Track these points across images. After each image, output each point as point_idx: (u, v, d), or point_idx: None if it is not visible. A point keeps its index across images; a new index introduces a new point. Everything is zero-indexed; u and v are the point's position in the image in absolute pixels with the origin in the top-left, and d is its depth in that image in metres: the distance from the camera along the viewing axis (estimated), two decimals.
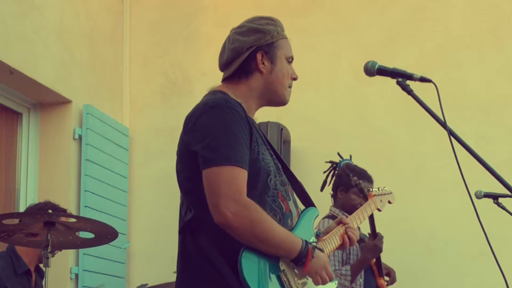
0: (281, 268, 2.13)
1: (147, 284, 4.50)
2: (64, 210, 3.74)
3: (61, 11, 4.94)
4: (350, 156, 4.51)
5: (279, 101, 2.37)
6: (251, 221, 2.04)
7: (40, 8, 4.72)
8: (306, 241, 2.16)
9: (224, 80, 2.36)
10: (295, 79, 2.39)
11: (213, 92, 2.29)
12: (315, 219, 2.38)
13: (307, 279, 2.20)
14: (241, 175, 2.07)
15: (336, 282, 2.35)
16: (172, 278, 4.81)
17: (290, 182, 2.36)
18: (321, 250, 2.24)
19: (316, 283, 2.20)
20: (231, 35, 2.36)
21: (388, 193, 3.17)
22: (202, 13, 5.75)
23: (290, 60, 2.36)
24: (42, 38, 4.71)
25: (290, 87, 2.37)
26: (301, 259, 2.13)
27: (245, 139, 2.13)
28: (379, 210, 3.04)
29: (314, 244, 2.22)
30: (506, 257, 2.87)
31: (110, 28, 5.61)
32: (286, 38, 2.38)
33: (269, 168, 2.22)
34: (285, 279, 2.13)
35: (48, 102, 4.96)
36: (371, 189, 3.11)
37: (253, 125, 2.21)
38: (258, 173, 2.17)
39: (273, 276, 2.11)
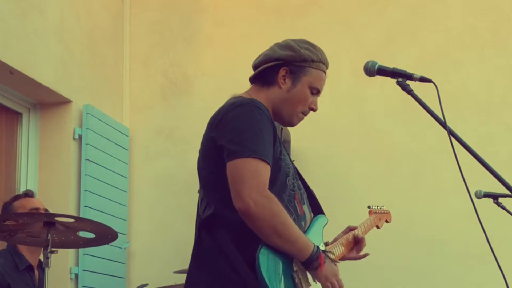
0: (294, 268, 2.19)
1: (147, 284, 4.49)
2: (46, 210, 3.80)
3: (61, 11, 4.94)
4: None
5: (285, 120, 2.44)
6: (272, 213, 2.09)
7: (40, 8, 4.71)
8: (317, 247, 2.21)
9: (251, 81, 2.46)
10: (313, 109, 2.46)
11: (236, 96, 2.35)
12: (324, 226, 2.45)
13: (317, 283, 2.25)
14: (264, 169, 2.13)
15: None
16: (172, 278, 4.83)
17: (304, 188, 2.44)
18: (333, 260, 2.30)
19: None
20: (273, 45, 2.47)
21: (386, 212, 3.21)
22: (202, 13, 5.75)
23: (314, 91, 2.43)
24: (42, 38, 4.71)
25: (304, 114, 2.45)
26: (311, 262, 2.18)
27: (269, 136, 2.20)
28: (377, 227, 3.09)
29: (327, 251, 2.29)
30: (506, 257, 2.87)
31: (110, 28, 5.61)
32: (323, 72, 2.46)
33: (289, 170, 2.31)
34: (298, 280, 2.18)
35: (48, 102, 4.96)
36: (371, 206, 3.14)
37: (276, 128, 2.28)
38: (279, 171, 2.24)
39: (287, 275, 2.17)
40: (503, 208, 3.67)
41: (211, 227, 2.21)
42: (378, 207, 3.16)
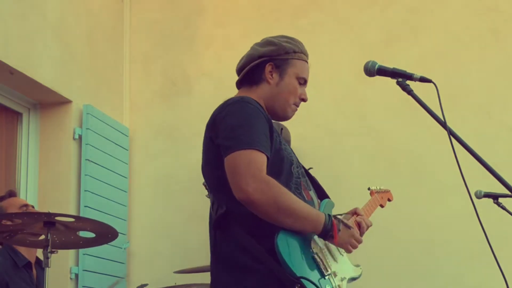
0: (314, 250, 2.23)
1: (147, 284, 4.50)
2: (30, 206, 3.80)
3: (61, 11, 4.94)
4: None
5: (280, 114, 2.48)
6: (273, 194, 2.11)
7: (40, 8, 4.72)
8: (329, 214, 2.25)
9: (238, 86, 2.51)
10: (303, 100, 2.49)
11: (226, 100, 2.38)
12: (332, 209, 2.49)
13: (337, 259, 2.35)
14: (259, 157, 2.15)
15: (361, 268, 2.51)
16: (172, 278, 4.83)
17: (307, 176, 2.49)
18: (346, 224, 2.31)
19: (348, 252, 2.33)
20: (252, 45, 2.53)
21: (386, 191, 3.23)
22: (202, 13, 5.75)
23: (302, 81, 2.47)
24: (42, 38, 4.71)
25: (296, 105, 2.49)
26: (327, 232, 2.21)
27: (264, 128, 2.22)
28: (381, 206, 3.12)
29: (339, 217, 2.32)
30: (506, 257, 2.87)
31: (110, 28, 5.61)
32: (305, 61, 2.48)
33: (292, 158, 2.36)
34: (319, 260, 2.22)
35: (48, 102, 4.96)
36: (371, 187, 3.15)
37: (271, 121, 2.32)
38: (282, 160, 2.28)
39: (308, 256, 2.20)
40: (503, 208, 3.67)
41: (225, 225, 2.23)
42: (378, 188, 3.18)
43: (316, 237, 2.27)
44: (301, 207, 2.18)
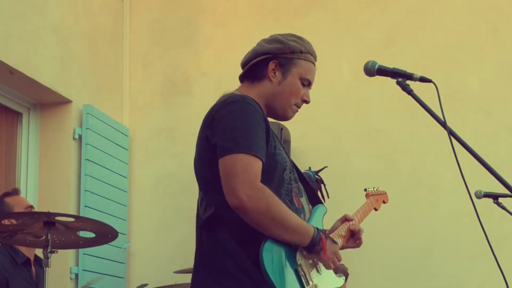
0: (298, 262, 2.21)
1: (147, 284, 4.50)
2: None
3: (61, 11, 4.94)
4: (310, 168, 4.54)
5: (280, 114, 2.44)
6: (266, 204, 2.09)
7: (40, 8, 4.72)
8: (317, 228, 2.23)
9: (241, 80, 2.46)
10: (306, 101, 2.45)
11: (226, 94, 2.35)
12: (324, 215, 2.46)
13: (320, 271, 2.30)
14: (256, 164, 2.12)
15: (343, 278, 2.46)
16: (172, 278, 4.83)
17: (300, 181, 2.44)
18: (333, 240, 2.31)
19: (328, 268, 2.28)
20: (260, 41, 2.48)
21: (382, 193, 3.20)
22: (202, 13, 5.75)
23: (305, 82, 2.42)
24: (42, 38, 4.72)
25: (298, 106, 2.45)
26: (314, 246, 2.20)
27: (262, 132, 2.20)
28: (375, 209, 3.07)
29: (325, 231, 2.30)
30: (506, 257, 2.87)
31: (110, 28, 5.61)
32: (312, 63, 2.46)
33: (285, 164, 2.31)
34: (302, 273, 2.20)
35: (48, 102, 4.97)
36: (368, 189, 3.12)
37: (268, 124, 2.29)
38: (275, 166, 2.25)
39: (291, 269, 2.18)
40: (503, 208, 3.67)
41: (213, 228, 2.21)
42: (374, 189, 3.15)
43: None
44: (292, 219, 2.16)
